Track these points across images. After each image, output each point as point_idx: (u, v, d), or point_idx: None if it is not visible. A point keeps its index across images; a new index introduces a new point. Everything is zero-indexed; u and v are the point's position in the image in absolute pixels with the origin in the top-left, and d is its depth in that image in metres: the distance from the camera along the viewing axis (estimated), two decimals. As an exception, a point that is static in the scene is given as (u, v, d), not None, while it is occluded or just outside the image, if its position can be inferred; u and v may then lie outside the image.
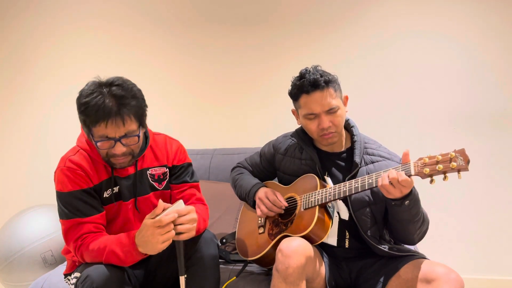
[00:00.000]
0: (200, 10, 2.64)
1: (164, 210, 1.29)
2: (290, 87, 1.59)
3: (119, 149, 1.35)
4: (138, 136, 1.37)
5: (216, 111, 2.66)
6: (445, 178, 1.25)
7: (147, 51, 2.70)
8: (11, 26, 2.84)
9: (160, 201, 1.30)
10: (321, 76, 1.49)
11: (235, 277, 1.65)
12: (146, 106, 1.40)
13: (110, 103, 1.29)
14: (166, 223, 1.25)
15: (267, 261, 1.61)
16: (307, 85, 1.49)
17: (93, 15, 2.74)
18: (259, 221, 1.70)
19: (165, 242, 1.27)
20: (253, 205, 1.71)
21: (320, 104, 1.49)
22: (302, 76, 1.54)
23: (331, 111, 1.50)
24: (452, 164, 1.21)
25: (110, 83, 1.33)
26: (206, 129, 2.67)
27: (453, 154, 1.23)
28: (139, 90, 1.38)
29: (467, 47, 2.35)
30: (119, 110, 1.30)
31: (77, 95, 1.34)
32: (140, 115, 1.36)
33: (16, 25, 2.83)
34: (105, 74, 1.38)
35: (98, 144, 1.34)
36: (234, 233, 1.81)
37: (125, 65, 2.70)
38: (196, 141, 2.53)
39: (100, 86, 1.32)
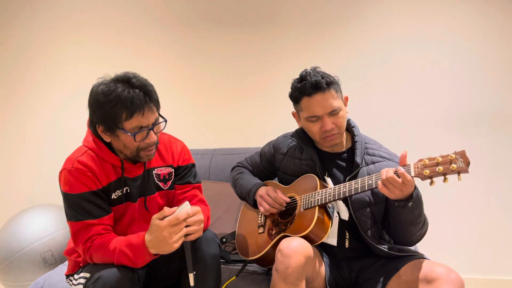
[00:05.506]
0: (201, 12, 2.64)
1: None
2: (290, 90, 1.57)
3: (153, 137, 1.37)
4: (165, 121, 1.41)
5: (216, 111, 2.66)
6: (445, 180, 1.23)
7: (148, 52, 2.70)
8: (17, 29, 2.84)
9: (166, 207, 1.31)
10: (322, 78, 1.48)
11: (235, 277, 1.64)
12: None
13: (141, 93, 1.30)
14: (183, 218, 1.26)
15: (267, 261, 1.61)
16: (308, 87, 1.48)
17: (97, 20, 2.75)
18: (259, 221, 1.69)
19: (180, 240, 1.27)
20: (253, 204, 1.71)
21: (322, 106, 1.48)
22: (302, 78, 1.52)
23: (334, 112, 1.49)
24: (452, 166, 1.20)
25: (127, 79, 1.33)
26: (206, 129, 2.67)
27: (453, 156, 1.22)
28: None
29: (467, 48, 2.35)
30: (150, 97, 1.33)
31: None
32: (158, 102, 1.39)
33: (22, 27, 2.84)
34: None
35: (137, 136, 1.33)
36: (234, 232, 1.81)
37: (128, 66, 2.59)
38: (196, 141, 2.53)
39: (116, 82, 1.32)
